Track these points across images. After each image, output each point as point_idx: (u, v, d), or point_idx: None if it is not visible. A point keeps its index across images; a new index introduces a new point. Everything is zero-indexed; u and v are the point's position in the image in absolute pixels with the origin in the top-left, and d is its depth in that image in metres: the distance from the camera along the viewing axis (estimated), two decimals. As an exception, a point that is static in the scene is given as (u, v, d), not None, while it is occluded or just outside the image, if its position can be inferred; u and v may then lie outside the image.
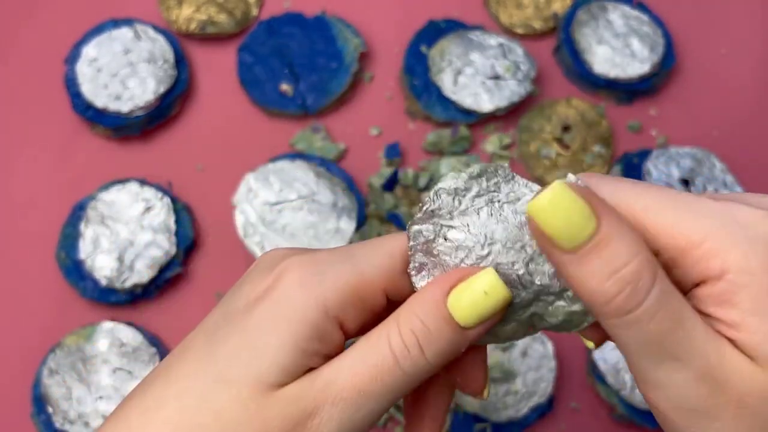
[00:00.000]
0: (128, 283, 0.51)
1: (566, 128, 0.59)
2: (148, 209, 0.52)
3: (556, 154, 0.58)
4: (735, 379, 0.22)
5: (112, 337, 0.50)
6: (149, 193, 0.53)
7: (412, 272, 0.26)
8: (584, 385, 0.52)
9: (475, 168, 0.25)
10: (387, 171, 0.56)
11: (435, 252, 0.26)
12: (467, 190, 0.25)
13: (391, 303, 0.26)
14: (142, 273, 0.51)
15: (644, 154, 0.57)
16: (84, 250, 0.51)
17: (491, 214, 0.25)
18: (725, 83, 0.62)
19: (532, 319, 0.26)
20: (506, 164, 0.25)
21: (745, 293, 0.22)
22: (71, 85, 0.56)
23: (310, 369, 0.24)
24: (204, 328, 0.26)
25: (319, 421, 0.24)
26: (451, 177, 0.25)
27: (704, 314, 0.23)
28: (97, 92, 0.55)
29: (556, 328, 0.26)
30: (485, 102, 0.57)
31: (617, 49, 0.59)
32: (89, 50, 0.56)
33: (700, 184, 0.55)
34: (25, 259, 0.54)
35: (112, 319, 0.51)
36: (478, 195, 0.25)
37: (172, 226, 0.52)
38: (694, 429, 0.23)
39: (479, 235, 0.25)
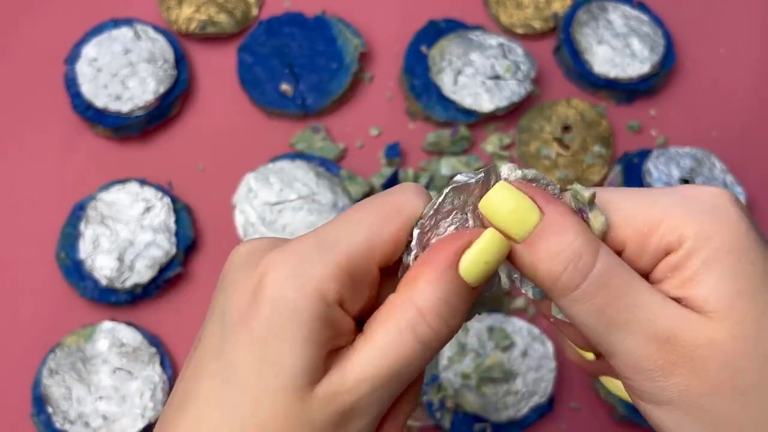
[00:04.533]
0: (128, 283, 0.51)
1: (566, 128, 0.59)
2: (148, 209, 0.52)
3: (556, 154, 0.58)
4: (685, 335, 0.24)
5: (112, 337, 0.50)
6: (149, 193, 0.53)
7: (425, 227, 0.26)
8: (584, 385, 0.52)
9: (530, 172, 0.26)
10: (387, 171, 0.56)
11: (449, 222, 0.26)
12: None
13: (382, 271, 0.26)
14: (142, 273, 0.51)
15: (644, 154, 0.57)
16: (84, 250, 0.51)
17: None
18: (725, 83, 0.62)
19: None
20: (557, 183, 0.27)
21: (696, 255, 0.24)
22: (71, 85, 0.56)
23: (329, 353, 0.25)
24: (209, 348, 0.25)
25: (360, 411, 0.24)
26: (507, 168, 0.26)
27: (659, 280, 0.25)
28: (97, 92, 0.55)
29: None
30: (485, 102, 0.57)
31: (617, 49, 0.59)
32: (89, 50, 0.56)
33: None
34: (25, 259, 0.54)
35: (112, 319, 0.51)
36: None
37: (172, 226, 0.52)
38: (654, 390, 0.25)
39: None
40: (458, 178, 0.26)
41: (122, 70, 0.56)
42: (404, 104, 0.59)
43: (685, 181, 0.55)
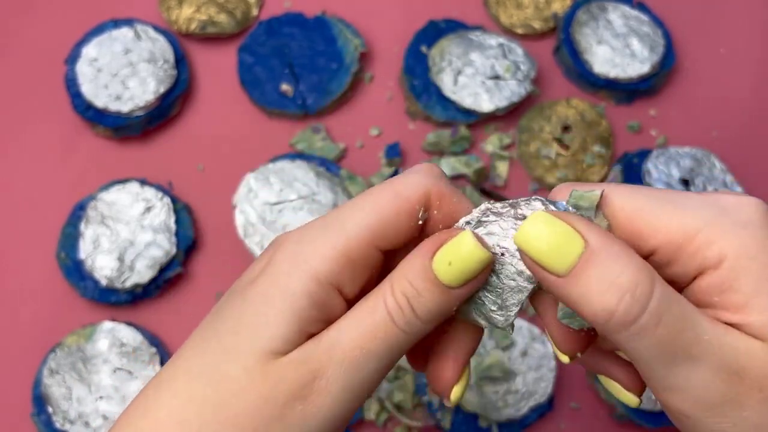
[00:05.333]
0: (128, 283, 0.51)
1: (566, 128, 0.59)
2: (148, 209, 0.52)
3: (555, 154, 0.58)
4: (751, 365, 0.22)
5: (112, 337, 0.50)
6: (149, 193, 0.53)
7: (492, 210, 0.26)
8: (584, 385, 0.52)
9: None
10: (387, 171, 0.56)
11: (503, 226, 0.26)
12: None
13: (389, 255, 0.27)
14: (142, 273, 0.51)
15: (644, 154, 0.57)
16: (84, 250, 0.51)
17: None
18: (725, 83, 0.62)
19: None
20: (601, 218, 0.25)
21: (746, 276, 0.22)
22: (72, 85, 0.56)
23: (313, 335, 0.25)
24: (213, 310, 0.27)
25: (326, 381, 0.25)
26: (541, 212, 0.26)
27: (706, 305, 0.23)
28: (97, 92, 0.55)
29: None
30: (485, 102, 0.57)
31: (617, 50, 0.59)
32: (89, 50, 0.56)
33: (700, 184, 0.55)
34: (25, 259, 0.54)
35: (113, 319, 0.51)
36: None
37: (173, 226, 0.52)
38: (722, 423, 0.23)
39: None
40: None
41: (122, 70, 0.56)
42: (404, 104, 0.59)
43: (685, 181, 0.55)
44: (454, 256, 0.24)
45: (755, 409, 0.22)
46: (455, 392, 0.27)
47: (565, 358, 0.27)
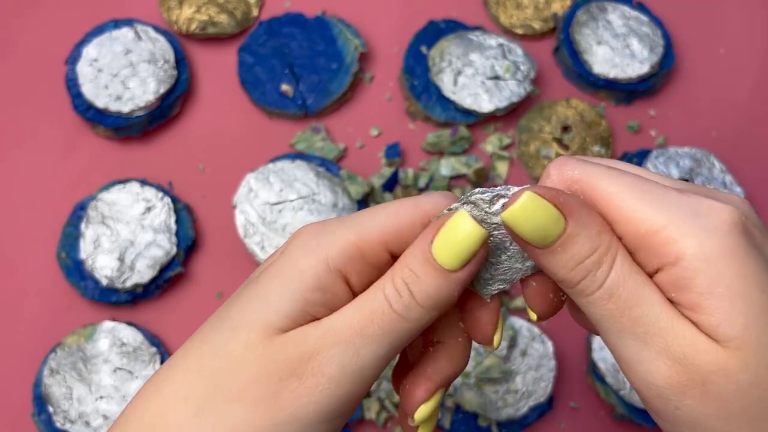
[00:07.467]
0: (129, 283, 0.51)
1: (566, 128, 0.59)
2: (148, 209, 0.52)
3: (555, 155, 0.58)
4: (698, 359, 0.23)
5: (112, 336, 0.50)
6: (150, 193, 0.53)
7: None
8: (584, 384, 0.52)
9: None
10: (387, 171, 0.56)
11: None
12: None
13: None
14: (142, 273, 0.51)
15: (644, 155, 0.57)
16: (85, 249, 0.51)
17: None
18: (725, 83, 0.62)
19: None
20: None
21: (700, 278, 0.23)
22: (72, 85, 0.56)
23: (316, 319, 0.26)
24: (226, 301, 0.29)
25: (320, 362, 0.25)
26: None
27: (670, 300, 0.25)
28: (97, 92, 0.55)
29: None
30: (485, 102, 0.57)
31: (617, 50, 0.59)
32: (90, 50, 0.57)
33: (700, 184, 0.55)
34: (26, 259, 0.54)
35: (113, 319, 0.51)
36: None
37: (173, 226, 0.52)
38: (668, 409, 0.24)
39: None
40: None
41: (123, 71, 0.56)
42: (404, 104, 0.60)
43: (685, 181, 0.55)
44: (451, 236, 0.25)
45: (696, 399, 0.23)
46: (421, 410, 0.28)
47: (534, 316, 0.28)
